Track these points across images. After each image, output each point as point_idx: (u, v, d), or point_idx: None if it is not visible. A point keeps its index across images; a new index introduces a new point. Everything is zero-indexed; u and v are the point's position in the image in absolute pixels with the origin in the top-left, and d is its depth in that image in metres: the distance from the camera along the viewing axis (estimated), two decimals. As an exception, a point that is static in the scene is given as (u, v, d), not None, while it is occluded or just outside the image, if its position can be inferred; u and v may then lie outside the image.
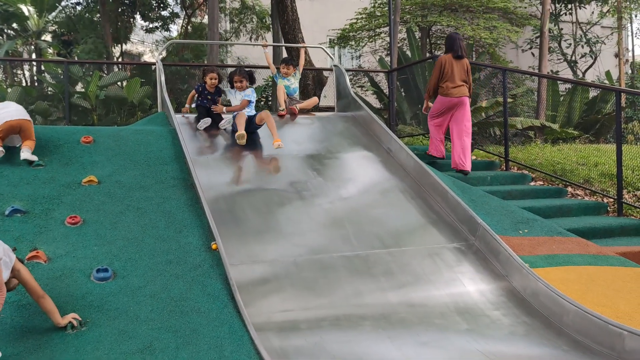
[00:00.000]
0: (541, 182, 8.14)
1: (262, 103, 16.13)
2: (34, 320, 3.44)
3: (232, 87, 6.44)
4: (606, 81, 16.46)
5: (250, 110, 6.30)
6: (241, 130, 5.98)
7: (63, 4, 19.76)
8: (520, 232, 5.39)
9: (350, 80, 12.67)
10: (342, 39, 17.65)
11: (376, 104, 15.04)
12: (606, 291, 4.42)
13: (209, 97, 6.55)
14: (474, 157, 9.14)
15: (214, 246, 4.24)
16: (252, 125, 6.21)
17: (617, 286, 4.53)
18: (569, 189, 7.83)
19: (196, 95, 6.62)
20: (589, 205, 6.98)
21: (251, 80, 6.44)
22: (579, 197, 7.69)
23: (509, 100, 10.82)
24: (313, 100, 7.32)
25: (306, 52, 9.90)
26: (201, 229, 4.49)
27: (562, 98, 14.46)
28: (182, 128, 6.02)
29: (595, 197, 7.63)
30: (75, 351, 3.24)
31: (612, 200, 7.32)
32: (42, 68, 17.47)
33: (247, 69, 6.48)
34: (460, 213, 5.30)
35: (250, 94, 6.35)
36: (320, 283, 4.30)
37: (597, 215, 6.93)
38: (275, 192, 5.41)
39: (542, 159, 8.77)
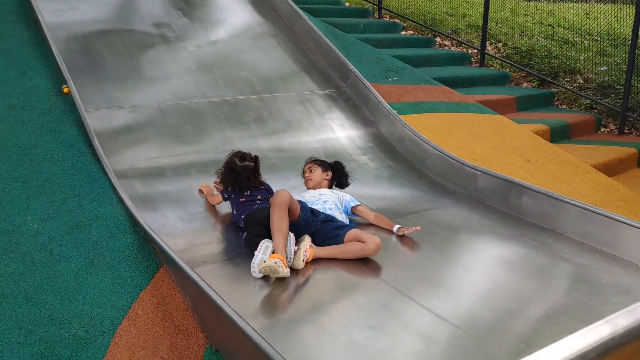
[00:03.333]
0: (412, 32, 8.20)
1: None
2: None
3: None
4: None
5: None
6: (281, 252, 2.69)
7: None
8: (390, 80, 5.45)
9: None
10: None
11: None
12: (465, 136, 4.67)
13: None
14: (347, 4, 8.93)
15: (65, 90, 3.82)
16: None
17: (475, 132, 4.79)
18: (438, 39, 7.98)
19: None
20: (455, 56, 7.19)
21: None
22: (446, 48, 7.89)
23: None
24: None
25: None
26: (49, 71, 4.01)
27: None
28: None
29: (461, 47, 7.87)
30: None
31: (476, 51, 7.59)
32: None
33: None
34: (332, 60, 5.20)
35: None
36: (187, 130, 4.10)
37: (461, 65, 7.19)
38: (135, 33, 4.92)
39: (414, 8, 8.77)
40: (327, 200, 3.32)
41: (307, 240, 2.83)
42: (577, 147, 5.46)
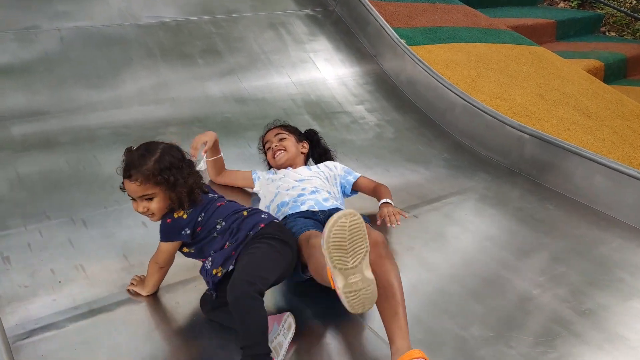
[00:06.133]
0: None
1: None
2: None
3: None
4: None
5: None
6: None
7: None
8: (396, -4, 4.08)
9: None
10: None
11: None
12: (500, 77, 3.37)
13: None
14: None
15: None
16: None
17: (511, 70, 3.50)
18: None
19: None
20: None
21: None
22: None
23: None
24: None
25: None
26: None
27: None
28: None
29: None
30: None
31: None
32: None
33: None
34: (317, -34, 3.83)
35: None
36: (102, 68, 2.81)
37: (483, -22, 5.76)
38: None
39: None
40: (318, 190, 2.00)
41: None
42: (638, 89, 4.18)
